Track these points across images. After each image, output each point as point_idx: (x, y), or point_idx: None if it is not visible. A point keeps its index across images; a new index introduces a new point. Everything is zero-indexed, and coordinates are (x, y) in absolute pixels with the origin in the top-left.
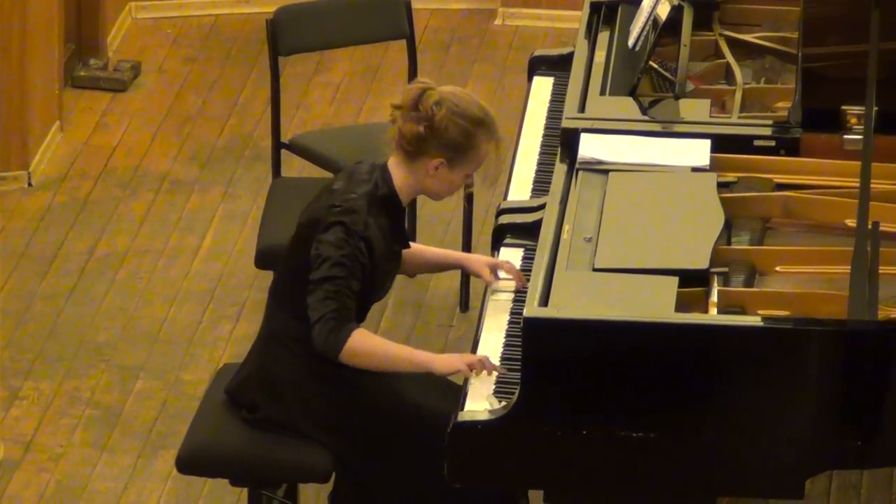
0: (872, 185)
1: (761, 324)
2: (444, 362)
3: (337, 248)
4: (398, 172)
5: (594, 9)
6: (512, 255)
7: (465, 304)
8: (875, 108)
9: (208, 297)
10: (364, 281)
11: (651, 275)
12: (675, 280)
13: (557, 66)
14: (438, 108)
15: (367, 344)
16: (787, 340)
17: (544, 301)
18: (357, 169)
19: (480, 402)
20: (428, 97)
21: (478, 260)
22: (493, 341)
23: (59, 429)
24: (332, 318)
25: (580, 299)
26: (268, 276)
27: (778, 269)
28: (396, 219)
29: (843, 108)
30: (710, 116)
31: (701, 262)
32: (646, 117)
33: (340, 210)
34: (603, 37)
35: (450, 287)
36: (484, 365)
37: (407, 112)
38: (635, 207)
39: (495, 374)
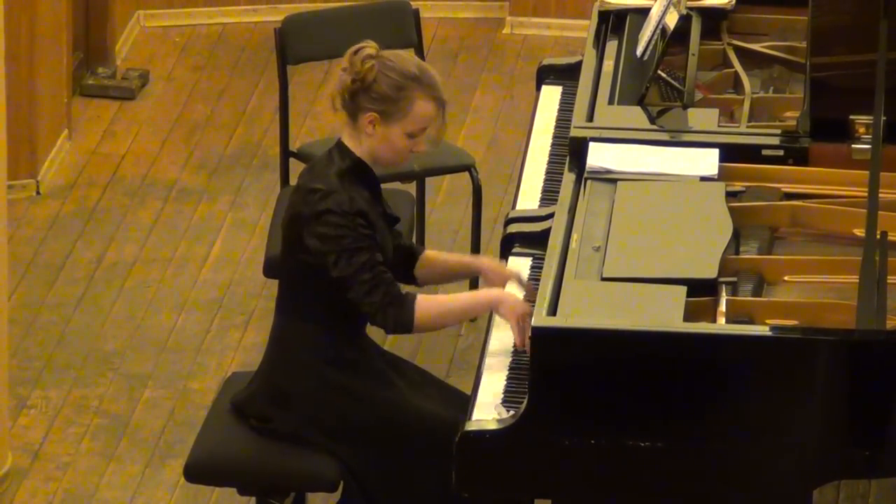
0: (881, 195)
1: (770, 333)
2: (507, 307)
3: (340, 238)
4: (352, 143)
5: (602, 18)
6: (520, 265)
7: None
8: (883, 118)
9: (216, 305)
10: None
11: (659, 284)
12: (683, 289)
13: (566, 74)
14: (368, 60)
15: (433, 309)
16: (795, 350)
17: (553, 310)
18: (315, 160)
19: (488, 412)
20: (361, 52)
21: (497, 274)
22: (501, 351)
23: (67, 437)
24: (388, 302)
25: (588, 308)
26: (276, 285)
27: (786, 278)
28: (371, 184)
29: (852, 117)
30: (719, 126)
31: (709, 271)
32: (654, 126)
33: (320, 196)
34: (611, 46)
35: None
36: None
37: (344, 69)
38: (644, 217)
39: (504, 382)
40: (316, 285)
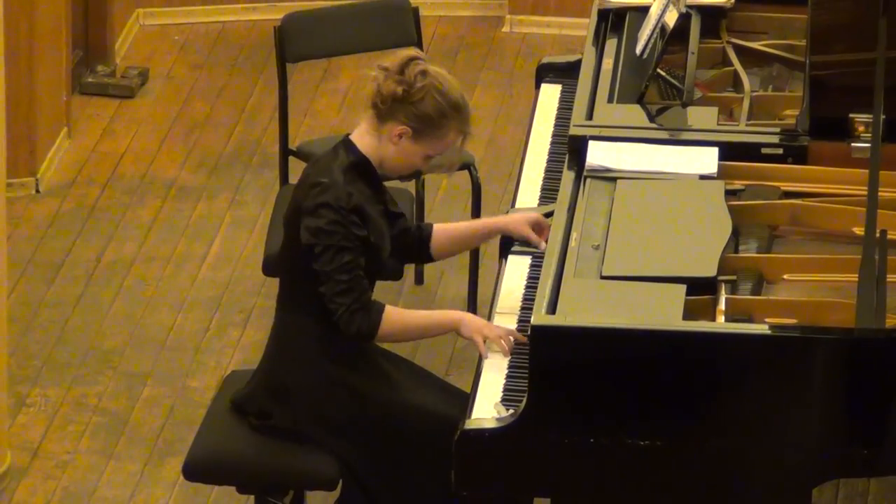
0: (880, 193)
1: (769, 332)
2: (468, 327)
3: (331, 233)
4: (363, 140)
5: (602, 16)
6: (519, 263)
7: (472, 311)
8: (883, 117)
9: (216, 304)
10: (368, 251)
11: (659, 283)
12: (682, 288)
13: (565, 73)
14: (422, 77)
15: (398, 321)
16: (794, 348)
17: (552, 309)
18: (320, 156)
19: (488, 410)
20: (415, 65)
21: (517, 221)
22: (500, 349)
23: (66, 436)
24: (356, 308)
25: (588, 307)
26: (275, 283)
27: (785, 277)
28: (373, 181)
29: (851, 116)
30: (718, 124)
31: (709, 270)
32: (653, 125)
33: (320, 189)
34: (611, 44)
35: (457, 294)
36: (502, 341)
37: (391, 73)
38: (643, 215)
39: (503, 380)
40: (317, 280)
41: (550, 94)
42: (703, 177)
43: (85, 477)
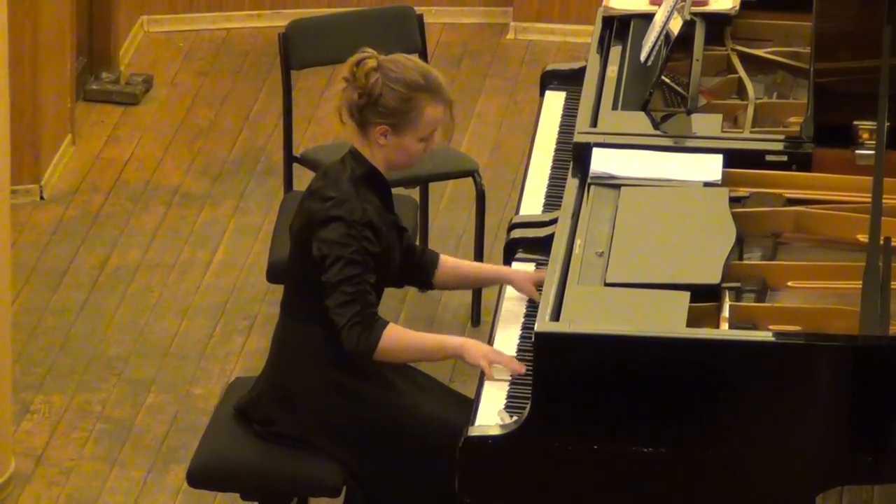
0: (884, 200)
1: (773, 339)
2: (473, 353)
3: (343, 245)
4: (365, 150)
5: (606, 23)
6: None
7: (476, 320)
8: (887, 124)
9: (220, 311)
10: (377, 264)
11: (663, 290)
12: (686, 295)
13: (570, 80)
14: (373, 74)
15: (399, 341)
16: (798, 356)
17: (556, 315)
18: (328, 166)
19: (492, 417)
20: (364, 66)
21: (522, 278)
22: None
23: (70, 442)
24: (357, 321)
25: (592, 314)
26: (279, 290)
27: (790, 284)
28: (384, 192)
29: (855, 123)
30: (722, 131)
31: (713, 277)
32: (658, 132)
33: (333, 202)
34: (615, 51)
35: (461, 302)
36: (505, 364)
37: (349, 82)
38: (647, 222)
39: (507, 387)
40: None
41: (555, 101)
42: (707, 184)
43: (89, 484)
